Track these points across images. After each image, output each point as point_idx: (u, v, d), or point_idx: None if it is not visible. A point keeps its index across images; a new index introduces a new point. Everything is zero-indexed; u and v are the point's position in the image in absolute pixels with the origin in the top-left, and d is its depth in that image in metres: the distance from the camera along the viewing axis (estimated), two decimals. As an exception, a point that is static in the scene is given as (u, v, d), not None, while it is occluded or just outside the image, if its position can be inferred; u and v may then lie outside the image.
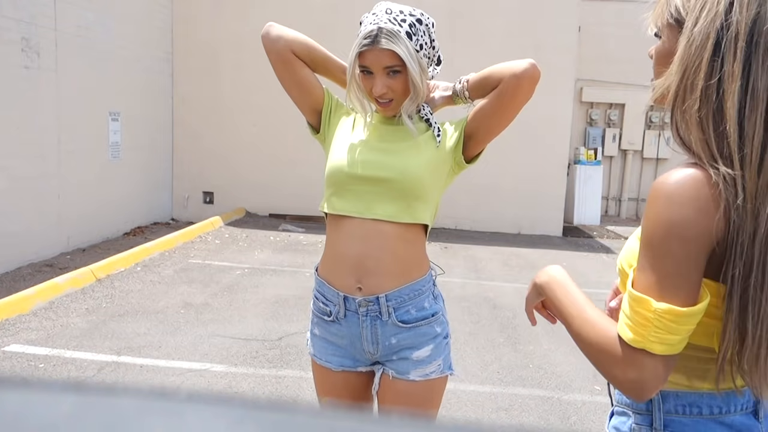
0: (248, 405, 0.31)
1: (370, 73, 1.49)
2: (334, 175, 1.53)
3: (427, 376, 1.54)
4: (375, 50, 1.44)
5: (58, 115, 6.07)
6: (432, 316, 1.55)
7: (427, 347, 1.53)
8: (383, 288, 1.50)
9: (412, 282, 1.52)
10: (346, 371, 1.59)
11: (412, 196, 1.50)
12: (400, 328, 1.52)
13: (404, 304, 1.51)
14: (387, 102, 1.51)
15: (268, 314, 4.56)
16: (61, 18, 6.02)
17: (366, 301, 1.50)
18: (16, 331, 3.98)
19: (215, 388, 3.28)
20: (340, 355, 1.58)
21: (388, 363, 1.56)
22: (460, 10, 8.55)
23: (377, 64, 1.46)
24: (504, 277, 6.13)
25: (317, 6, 8.57)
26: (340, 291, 1.52)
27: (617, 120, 11.00)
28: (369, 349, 1.55)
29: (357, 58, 1.48)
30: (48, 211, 5.98)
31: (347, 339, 1.56)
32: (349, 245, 1.51)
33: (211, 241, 7.17)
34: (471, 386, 3.46)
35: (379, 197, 1.49)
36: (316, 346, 1.62)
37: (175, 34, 8.69)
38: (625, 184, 11.12)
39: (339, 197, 1.53)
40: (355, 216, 1.50)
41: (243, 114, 8.75)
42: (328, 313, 1.56)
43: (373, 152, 1.53)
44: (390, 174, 1.49)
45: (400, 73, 1.47)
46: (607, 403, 3.53)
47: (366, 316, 1.51)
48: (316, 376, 1.65)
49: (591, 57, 10.55)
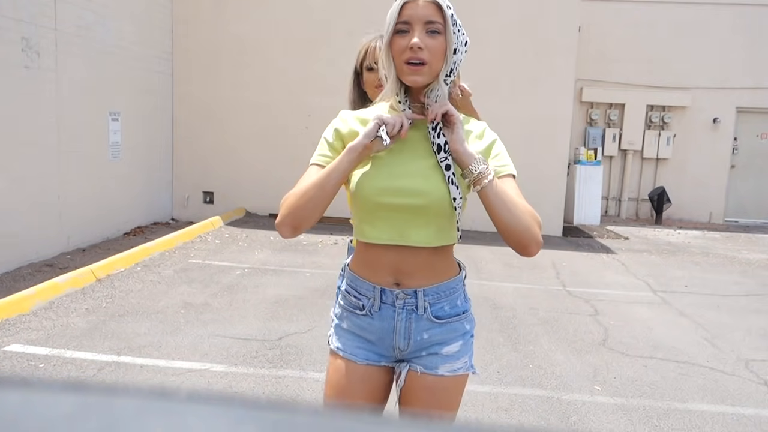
0: (248, 405, 0.31)
1: (406, 33, 1.41)
2: (364, 203, 1.49)
3: (455, 371, 1.56)
4: (419, 2, 1.40)
5: (58, 115, 6.07)
6: (463, 314, 1.58)
7: (457, 343, 1.56)
8: (421, 284, 1.52)
9: (447, 280, 1.55)
10: (370, 365, 1.59)
11: (444, 217, 1.49)
12: (433, 324, 1.54)
13: (440, 301, 1.54)
14: (419, 64, 1.41)
15: (268, 314, 4.56)
16: (61, 18, 6.02)
17: (404, 293, 1.51)
18: (16, 331, 3.98)
19: (215, 388, 3.28)
20: (367, 349, 1.58)
21: (415, 360, 1.56)
22: (460, 10, 8.48)
23: (418, 17, 1.39)
24: (504, 277, 6.13)
25: (317, 6, 8.56)
26: (377, 284, 1.53)
27: (617, 120, 11.00)
28: (399, 345, 1.55)
29: (399, 11, 1.40)
30: (48, 211, 5.98)
31: (378, 334, 1.56)
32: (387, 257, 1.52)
33: (211, 241, 7.17)
34: (471, 386, 3.45)
35: (411, 223, 1.48)
36: (342, 339, 1.61)
37: (175, 34, 8.69)
38: (625, 184, 11.12)
39: (371, 225, 1.51)
40: (390, 243, 1.50)
41: (243, 114, 8.75)
42: (361, 306, 1.56)
43: (399, 177, 1.47)
44: (420, 201, 1.46)
45: (438, 34, 1.41)
46: (607, 403, 3.55)
47: (402, 308, 1.52)
48: (334, 370, 1.62)
49: (591, 57, 10.55)
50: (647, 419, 3.17)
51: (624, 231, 9.58)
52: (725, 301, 5.69)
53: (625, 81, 10.83)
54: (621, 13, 10.81)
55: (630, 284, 6.15)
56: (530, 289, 5.73)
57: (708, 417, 3.23)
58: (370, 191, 1.47)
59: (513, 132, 8.77)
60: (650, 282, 6.29)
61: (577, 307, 5.17)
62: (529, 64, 8.61)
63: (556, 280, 6.18)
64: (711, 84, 10.82)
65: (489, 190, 1.40)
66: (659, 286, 6.11)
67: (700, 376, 3.79)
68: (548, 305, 5.19)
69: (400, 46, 1.41)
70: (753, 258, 7.96)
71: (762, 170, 11.19)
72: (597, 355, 4.07)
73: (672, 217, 10.98)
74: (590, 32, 10.48)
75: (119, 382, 1.08)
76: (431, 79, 1.44)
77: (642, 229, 10.01)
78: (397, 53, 1.42)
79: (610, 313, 5.03)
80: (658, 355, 4.12)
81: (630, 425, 3.10)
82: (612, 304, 5.33)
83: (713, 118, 10.90)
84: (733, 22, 10.69)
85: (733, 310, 5.37)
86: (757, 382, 3.74)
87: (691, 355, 4.15)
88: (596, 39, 10.61)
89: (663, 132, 10.93)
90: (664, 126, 10.98)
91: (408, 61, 1.41)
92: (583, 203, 10.03)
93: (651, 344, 4.33)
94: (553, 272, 6.51)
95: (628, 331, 4.59)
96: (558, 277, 6.32)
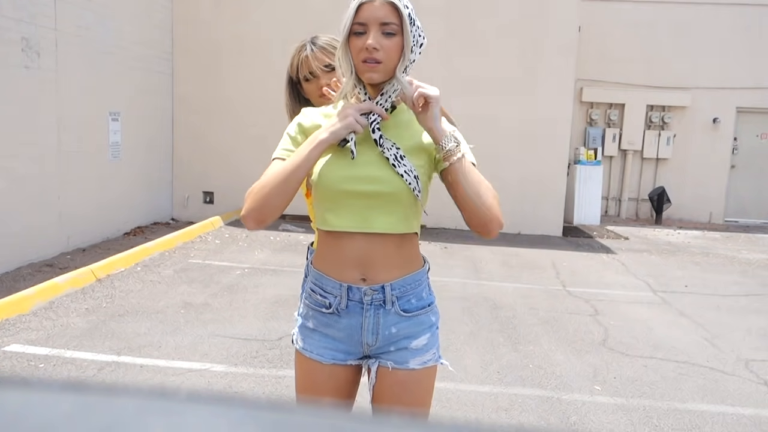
0: (248, 405, 0.31)
1: (362, 34, 1.44)
2: (327, 191, 1.51)
3: (425, 363, 1.58)
4: (374, 4, 1.41)
5: (58, 115, 6.07)
6: (429, 306, 1.60)
7: (425, 336, 1.58)
8: (387, 278, 1.53)
9: (413, 272, 1.56)
10: (336, 364, 1.59)
11: (407, 206, 1.51)
12: (401, 317, 1.55)
13: (407, 294, 1.55)
14: (375, 63, 1.44)
15: (268, 314, 4.56)
16: (61, 18, 6.02)
17: (372, 290, 1.52)
18: (16, 331, 3.98)
19: (215, 388, 3.28)
20: (333, 348, 1.59)
21: (383, 355, 1.57)
22: (460, 10, 8.55)
23: (374, 18, 1.42)
24: (504, 277, 6.13)
25: (317, 6, 8.56)
26: (344, 282, 1.53)
27: (617, 120, 11.00)
28: (367, 340, 1.56)
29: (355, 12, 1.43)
30: (48, 211, 5.98)
31: (345, 331, 1.57)
32: (351, 248, 1.53)
33: (211, 241, 7.17)
34: (471, 386, 3.46)
35: (375, 210, 1.50)
36: (307, 339, 1.61)
37: (175, 33, 8.69)
38: (625, 184, 11.12)
39: (334, 214, 1.52)
40: (354, 231, 1.51)
41: (243, 114, 8.75)
42: (327, 305, 1.56)
43: (360, 166, 1.49)
44: (382, 188, 1.48)
45: (394, 36, 1.43)
46: (607, 403, 3.54)
47: (370, 305, 1.54)
48: (301, 370, 1.64)
49: (591, 57, 10.55)
50: (647, 419, 3.17)
51: (624, 231, 9.58)
52: (725, 301, 5.69)
53: (625, 81, 10.83)
54: (621, 13, 10.81)
55: (630, 284, 6.15)
56: (530, 289, 5.73)
57: (708, 417, 3.23)
58: (334, 179, 1.49)
59: (513, 132, 8.78)
60: (650, 282, 6.29)
61: (577, 307, 5.17)
62: (529, 64, 8.61)
63: (556, 280, 6.18)
64: (711, 84, 10.82)
65: (458, 166, 1.46)
66: (659, 286, 6.11)
67: (700, 376, 3.79)
68: (548, 305, 5.19)
69: (356, 46, 1.44)
70: (753, 258, 7.96)
71: (762, 170, 11.19)
72: (597, 355, 4.07)
73: (672, 217, 10.98)
74: (590, 32, 10.48)
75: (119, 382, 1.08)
76: (387, 77, 1.48)
77: (642, 229, 10.01)
78: (355, 53, 1.46)
79: (610, 313, 5.03)
80: (658, 355, 4.12)
81: (630, 425, 3.10)
82: (612, 304, 5.33)
83: (713, 118, 10.90)
84: (733, 22, 10.69)
85: (733, 310, 5.37)
86: (757, 382, 3.74)
87: (691, 355, 4.15)
88: (596, 39, 10.61)
89: (663, 132, 10.93)
90: (664, 126, 10.98)
91: (364, 60, 1.45)
92: (583, 203, 10.03)
93: (651, 344, 4.33)
94: (553, 272, 6.51)
95: (628, 331, 4.59)
96: (558, 277, 6.32)
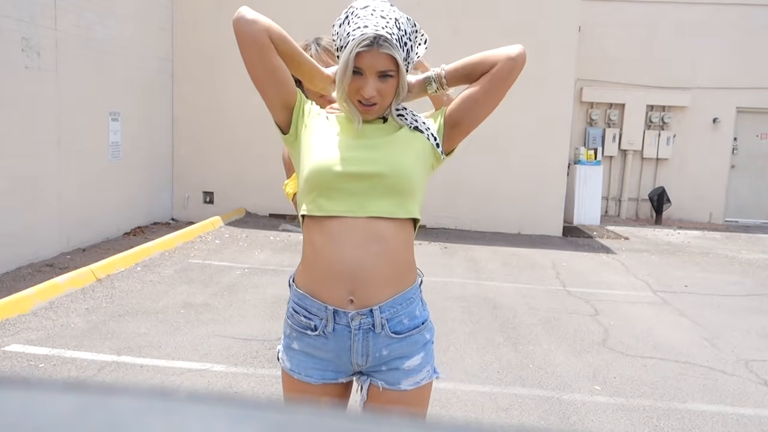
0: (248, 405, 0.31)
1: (360, 75, 1.44)
2: (320, 174, 1.45)
3: (417, 384, 1.52)
4: (372, 52, 1.41)
5: (58, 115, 6.07)
6: (422, 324, 1.53)
7: (418, 356, 1.51)
8: (377, 298, 1.45)
9: (405, 290, 1.49)
10: (327, 383, 1.53)
11: (404, 190, 1.46)
12: (392, 339, 1.48)
13: (397, 315, 1.47)
14: (371, 105, 1.47)
15: (268, 314, 4.56)
16: (61, 18, 6.02)
17: (359, 314, 1.44)
18: (16, 331, 3.98)
19: (215, 388, 3.28)
20: (322, 369, 1.52)
21: (375, 374, 1.51)
22: (460, 10, 8.55)
23: (372, 67, 1.42)
24: (504, 277, 6.13)
25: (316, 6, 8.56)
26: (329, 305, 1.45)
27: (617, 120, 11.00)
28: (357, 361, 1.50)
29: (354, 59, 1.42)
30: (48, 211, 5.98)
31: (334, 352, 1.50)
32: (342, 251, 1.43)
33: (211, 241, 7.17)
34: (471, 386, 3.46)
35: (371, 194, 1.44)
36: (294, 361, 1.53)
37: (175, 33, 8.69)
38: (625, 184, 11.12)
39: (327, 198, 1.45)
40: (348, 216, 1.44)
41: (243, 114, 8.74)
42: (312, 327, 1.48)
43: (358, 149, 1.48)
44: (381, 168, 1.45)
45: (391, 77, 1.45)
46: (607, 403, 3.54)
47: (359, 329, 1.46)
48: (290, 391, 1.56)
49: (591, 57, 10.55)
50: (647, 419, 3.17)
51: (624, 231, 9.58)
52: (725, 301, 5.69)
53: (625, 81, 10.83)
54: (621, 13, 10.81)
55: (630, 284, 6.15)
56: (530, 289, 5.73)
57: (708, 417, 3.23)
58: (327, 162, 1.46)
59: (513, 132, 8.78)
60: (650, 282, 6.29)
61: (577, 307, 5.17)
62: (529, 64, 8.51)
63: (556, 280, 6.18)
64: (711, 84, 10.82)
65: (451, 73, 1.56)
66: (659, 286, 6.11)
67: (700, 376, 3.79)
68: (548, 305, 5.19)
69: (354, 86, 1.46)
70: (753, 258, 7.96)
71: (762, 170, 11.19)
72: (597, 354, 4.07)
73: (672, 217, 10.98)
74: (590, 32, 10.48)
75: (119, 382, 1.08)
76: (381, 114, 1.53)
77: (642, 229, 10.01)
78: (352, 91, 1.47)
79: (610, 313, 5.03)
80: (658, 355, 4.12)
81: (630, 425, 3.10)
82: (612, 304, 5.33)
83: (713, 118, 10.90)
84: (733, 22, 10.69)
85: (733, 310, 5.37)
86: (756, 382, 3.74)
87: (691, 355, 4.15)
88: (596, 39, 10.60)
89: (663, 132, 10.93)
90: (664, 126, 10.98)
91: (360, 101, 1.48)
92: (583, 203, 10.03)
93: (651, 344, 4.33)
94: (553, 272, 6.51)
95: (628, 331, 4.59)
96: (558, 277, 6.32)
